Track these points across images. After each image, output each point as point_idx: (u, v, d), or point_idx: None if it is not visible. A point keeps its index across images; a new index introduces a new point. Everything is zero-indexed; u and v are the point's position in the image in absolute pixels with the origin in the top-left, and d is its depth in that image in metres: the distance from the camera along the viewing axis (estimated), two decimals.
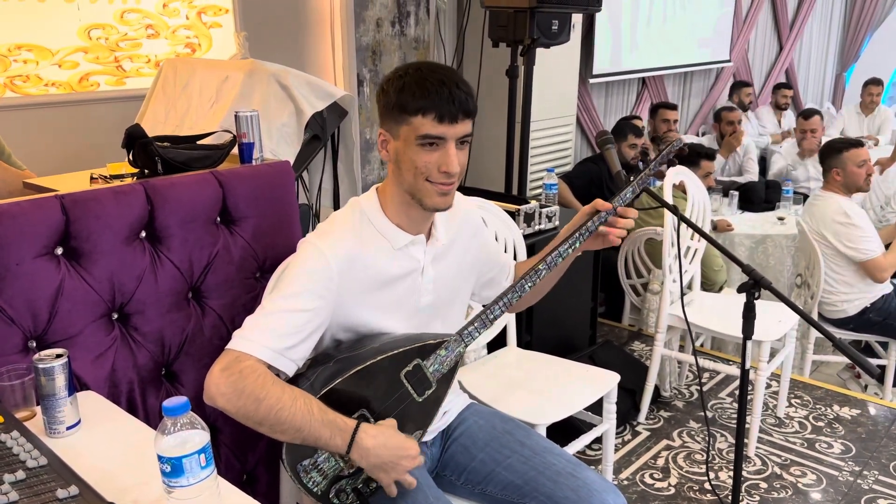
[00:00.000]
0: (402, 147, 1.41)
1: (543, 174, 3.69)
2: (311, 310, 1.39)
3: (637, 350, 3.73)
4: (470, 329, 1.48)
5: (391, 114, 1.40)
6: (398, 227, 1.48)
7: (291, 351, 1.37)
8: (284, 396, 1.29)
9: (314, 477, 1.38)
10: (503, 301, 1.51)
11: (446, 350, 1.46)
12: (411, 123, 1.37)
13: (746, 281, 1.71)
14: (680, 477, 2.70)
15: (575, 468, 1.58)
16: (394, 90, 1.39)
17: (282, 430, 1.30)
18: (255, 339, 1.34)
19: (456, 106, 1.36)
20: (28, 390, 1.36)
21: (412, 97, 1.36)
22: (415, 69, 1.39)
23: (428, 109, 1.35)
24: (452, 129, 1.38)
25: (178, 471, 1.00)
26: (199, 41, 3.18)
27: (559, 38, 3.46)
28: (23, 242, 1.45)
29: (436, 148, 1.39)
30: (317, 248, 1.42)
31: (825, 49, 8.23)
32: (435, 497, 1.46)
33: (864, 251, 3.34)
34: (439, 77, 1.36)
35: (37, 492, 1.05)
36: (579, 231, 1.59)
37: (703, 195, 3.16)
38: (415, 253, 1.51)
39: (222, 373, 1.30)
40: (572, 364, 2.39)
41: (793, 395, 3.29)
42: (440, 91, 1.35)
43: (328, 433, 1.31)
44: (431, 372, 1.45)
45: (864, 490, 2.62)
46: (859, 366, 1.64)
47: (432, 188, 1.41)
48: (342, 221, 1.48)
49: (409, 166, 1.41)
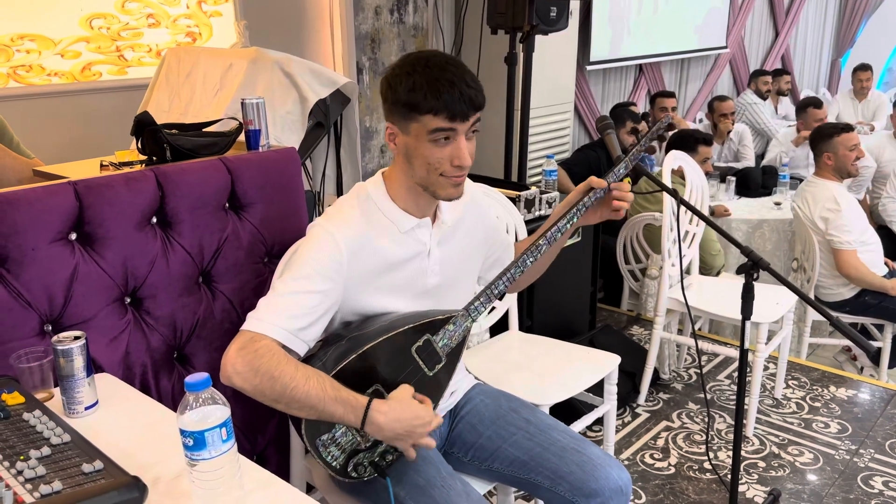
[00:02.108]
0: (412, 143, 1.43)
1: (542, 161, 3.72)
2: (322, 291, 1.42)
3: (636, 334, 3.77)
4: (476, 304, 1.51)
5: (400, 111, 1.41)
6: (404, 211, 1.51)
7: (304, 332, 1.40)
8: (298, 375, 1.33)
9: (333, 451, 1.42)
10: (507, 276, 1.53)
11: (454, 325, 1.49)
12: (422, 121, 1.39)
13: (745, 262, 1.74)
14: (679, 457, 2.75)
15: (579, 444, 1.62)
16: (404, 89, 1.39)
17: (298, 407, 1.34)
18: (268, 319, 1.38)
19: (466, 104, 1.38)
20: (46, 372, 1.40)
21: (423, 98, 1.37)
22: (423, 66, 1.39)
23: (440, 110, 1.37)
24: (463, 125, 1.41)
25: (200, 444, 1.03)
26: (200, 30, 3.19)
27: (558, 24, 3.48)
28: (38, 228, 1.48)
29: (448, 142, 1.41)
30: (327, 231, 1.44)
31: (821, 35, 8.25)
32: (447, 473, 1.50)
33: (839, 240, 3.38)
34: (449, 77, 1.37)
35: (62, 466, 1.09)
36: (576, 207, 1.61)
37: (701, 180, 3.19)
38: (421, 235, 1.54)
39: (238, 353, 1.33)
40: (573, 347, 2.43)
41: (790, 376, 3.34)
42: (451, 91, 1.36)
43: (341, 410, 1.34)
44: (441, 346, 1.48)
45: (861, 468, 2.67)
46: (856, 343, 1.68)
47: (446, 181, 1.45)
48: (350, 206, 1.51)
49: (421, 162, 1.43)
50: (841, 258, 3.38)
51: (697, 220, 3.11)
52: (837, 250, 3.38)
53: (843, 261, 3.38)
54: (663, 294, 2.98)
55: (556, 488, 1.58)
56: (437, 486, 1.44)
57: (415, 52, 1.46)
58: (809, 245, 3.51)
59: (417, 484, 1.45)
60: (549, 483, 1.59)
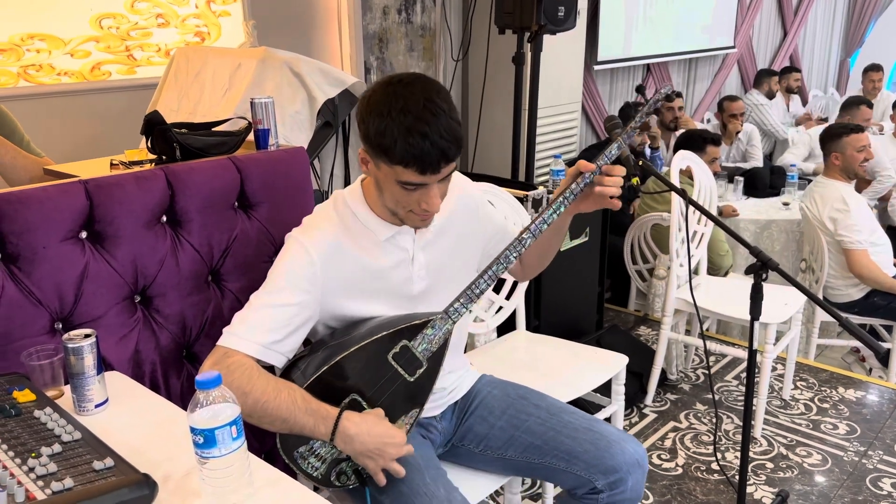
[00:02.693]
0: (382, 178, 1.39)
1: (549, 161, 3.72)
2: (296, 304, 1.42)
3: (643, 335, 3.77)
4: (456, 306, 1.47)
5: (371, 147, 1.36)
6: (382, 220, 1.49)
7: (279, 345, 1.41)
8: (269, 388, 1.34)
9: (312, 462, 1.42)
10: (488, 274, 1.48)
11: (433, 329, 1.46)
12: (393, 168, 1.34)
13: (754, 262, 1.74)
14: (687, 457, 2.74)
15: (592, 423, 1.63)
16: (374, 131, 1.32)
17: (269, 421, 1.35)
18: (242, 334, 1.39)
19: (438, 157, 1.32)
20: (57, 370, 1.41)
21: (394, 146, 1.30)
22: (398, 111, 1.30)
23: (410, 163, 1.32)
24: (433, 178, 1.36)
25: (210, 442, 1.04)
26: (209, 30, 3.20)
27: (565, 24, 3.48)
28: (49, 226, 1.49)
29: (417, 189, 1.37)
30: (298, 243, 1.45)
31: (829, 34, 8.21)
32: (432, 477, 1.47)
33: (849, 240, 3.36)
34: (422, 129, 1.29)
35: (73, 463, 1.09)
36: (563, 195, 1.52)
37: (709, 180, 3.19)
38: (402, 242, 1.52)
39: (212, 368, 1.32)
40: (581, 347, 2.43)
41: (798, 377, 3.33)
42: (423, 145, 1.30)
43: (312, 422, 1.34)
44: (420, 351, 1.46)
45: (869, 469, 2.66)
46: (865, 344, 1.67)
47: (415, 216, 1.44)
48: (326, 215, 1.50)
49: (390, 196, 1.41)
50: (852, 258, 3.37)
51: (706, 220, 3.11)
52: (848, 250, 3.37)
53: (854, 261, 3.36)
54: (671, 294, 2.98)
55: (572, 468, 1.58)
56: (420, 494, 1.42)
57: (396, 81, 1.35)
58: (818, 246, 3.50)
59: (401, 492, 1.43)
60: (564, 464, 1.59)
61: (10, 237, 1.45)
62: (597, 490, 1.57)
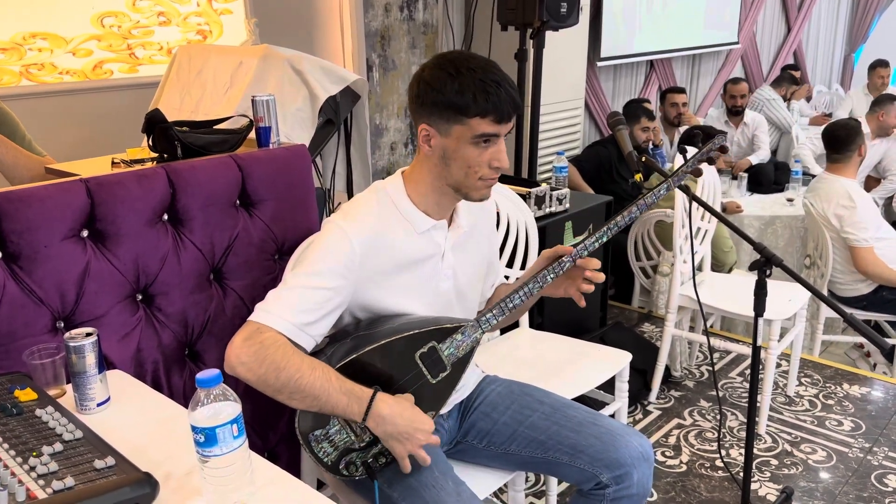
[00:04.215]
0: (452, 145, 1.43)
1: (552, 157, 3.71)
2: (332, 288, 1.42)
3: (647, 332, 3.76)
4: (488, 316, 1.50)
5: (442, 113, 1.41)
6: (422, 212, 1.52)
7: (310, 327, 1.40)
8: (304, 365, 1.33)
9: (325, 447, 1.42)
10: (524, 290, 1.52)
11: (462, 334, 1.48)
12: (467, 124, 1.40)
13: (758, 259, 1.73)
14: (691, 454, 2.74)
15: (596, 417, 1.63)
16: (453, 90, 1.38)
17: (301, 397, 1.34)
18: (276, 312, 1.38)
19: (512, 107, 1.40)
20: (58, 369, 1.40)
21: (473, 101, 1.37)
22: (467, 69, 1.39)
23: (489, 112, 1.38)
24: (506, 127, 1.42)
25: (211, 440, 1.04)
26: (211, 28, 3.20)
27: (568, 20, 3.47)
28: (50, 225, 1.49)
29: (488, 144, 1.43)
30: (340, 229, 1.44)
31: (833, 30, 8.18)
32: (441, 471, 1.48)
33: (855, 238, 3.34)
34: (495, 78, 1.39)
35: (74, 462, 1.09)
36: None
37: (713, 176, 3.18)
38: (436, 237, 1.54)
39: (244, 343, 1.33)
40: (584, 344, 2.42)
41: (802, 374, 3.31)
42: (499, 93, 1.38)
43: (346, 400, 1.34)
44: (447, 355, 1.47)
45: (874, 466, 2.65)
46: (870, 340, 1.66)
47: (482, 184, 1.47)
48: (366, 203, 1.51)
49: (461, 164, 1.44)
50: (858, 255, 3.35)
51: (709, 217, 3.10)
52: (854, 248, 3.35)
53: (860, 258, 3.35)
54: (675, 291, 2.97)
55: (576, 462, 1.58)
56: (428, 487, 1.43)
57: (448, 54, 1.45)
58: (822, 241, 3.48)
59: (410, 485, 1.44)
60: (567, 458, 1.59)
61: (11, 236, 1.45)
62: (602, 485, 1.57)
